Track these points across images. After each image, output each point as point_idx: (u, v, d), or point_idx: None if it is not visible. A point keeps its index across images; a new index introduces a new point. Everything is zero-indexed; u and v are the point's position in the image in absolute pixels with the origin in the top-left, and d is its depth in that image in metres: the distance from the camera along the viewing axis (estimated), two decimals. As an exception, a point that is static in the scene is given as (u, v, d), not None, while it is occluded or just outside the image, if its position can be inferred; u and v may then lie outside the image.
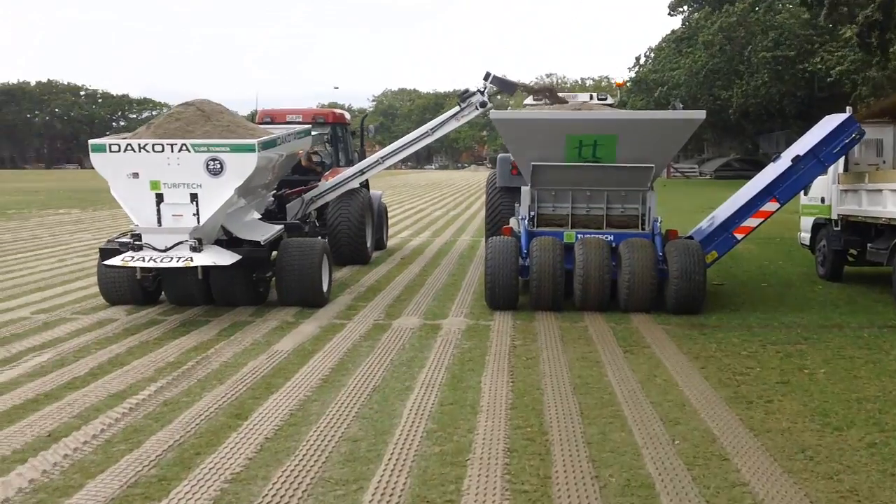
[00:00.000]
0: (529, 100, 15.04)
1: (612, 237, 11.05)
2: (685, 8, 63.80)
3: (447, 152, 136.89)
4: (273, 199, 13.09)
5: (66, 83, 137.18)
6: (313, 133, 14.54)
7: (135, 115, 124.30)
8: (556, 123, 11.17)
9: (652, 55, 64.14)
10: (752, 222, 11.85)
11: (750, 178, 13.75)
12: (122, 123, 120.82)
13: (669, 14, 64.98)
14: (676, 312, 10.34)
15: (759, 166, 21.01)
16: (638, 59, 66.28)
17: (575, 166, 11.27)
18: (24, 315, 10.23)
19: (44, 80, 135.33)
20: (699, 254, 10.54)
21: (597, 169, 11.25)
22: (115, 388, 7.00)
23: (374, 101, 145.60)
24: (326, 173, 15.30)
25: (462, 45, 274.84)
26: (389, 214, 22.10)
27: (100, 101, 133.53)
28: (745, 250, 15.56)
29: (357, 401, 6.71)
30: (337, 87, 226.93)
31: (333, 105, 31.93)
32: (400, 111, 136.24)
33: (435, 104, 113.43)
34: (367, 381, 7.31)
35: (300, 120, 15.13)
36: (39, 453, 5.47)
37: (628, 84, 57.04)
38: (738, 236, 11.89)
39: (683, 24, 61.45)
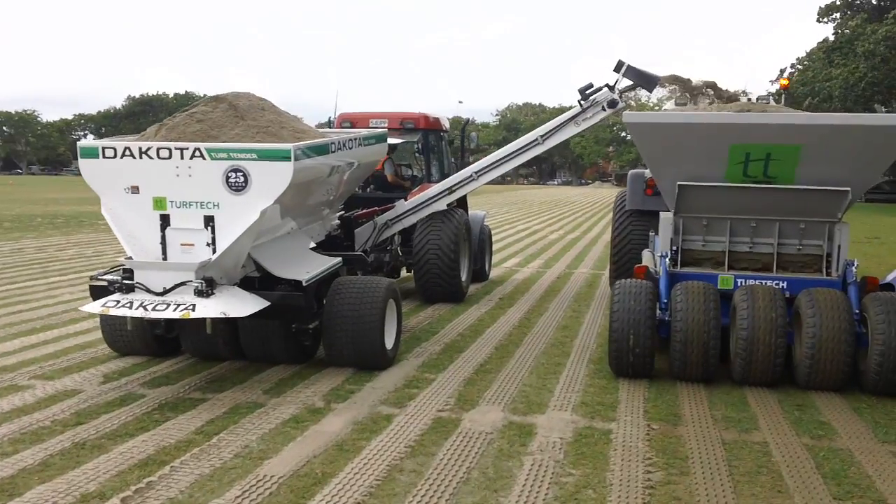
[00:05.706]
0: (670, 104, 11.81)
1: (785, 284, 8.24)
2: (837, 16, 58.13)
3: (571, 168, 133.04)
4: (338, 221, 10.35)
5: (202, 95, 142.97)
6: (396, 141, 11.80)
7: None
8: (718, 128, 8.03)
9: (800, 66, 59.05)
10: None
11: None
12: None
13: (818, 20, 59.43)
14: (877, 393, 7.45)
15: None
16: (783, 70, 61.29)
17: (739, 187, 8.37)
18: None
19: (181, 91, 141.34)
20: None
21: (769, 192, 8.34)
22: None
23: (497, 115, 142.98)
24: (415, 189, 12.52)
25: (593, 51, 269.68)
26: (498, 237, 19.21)
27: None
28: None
29: None
30: (461, 102, 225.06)
31: (457, 120, 29.11)
32: (523, 125, 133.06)
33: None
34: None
35: (385, 125, 12.39)
36: None
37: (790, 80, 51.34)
38: None
39: (835, 32, 55.97)
